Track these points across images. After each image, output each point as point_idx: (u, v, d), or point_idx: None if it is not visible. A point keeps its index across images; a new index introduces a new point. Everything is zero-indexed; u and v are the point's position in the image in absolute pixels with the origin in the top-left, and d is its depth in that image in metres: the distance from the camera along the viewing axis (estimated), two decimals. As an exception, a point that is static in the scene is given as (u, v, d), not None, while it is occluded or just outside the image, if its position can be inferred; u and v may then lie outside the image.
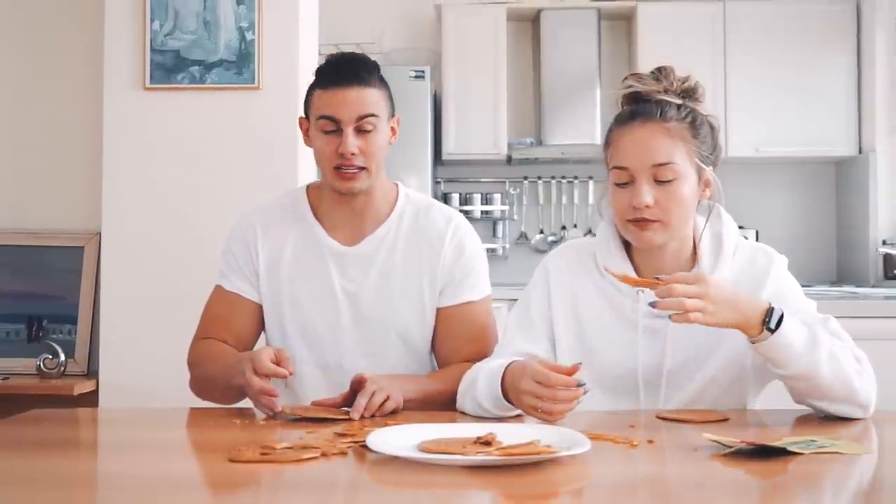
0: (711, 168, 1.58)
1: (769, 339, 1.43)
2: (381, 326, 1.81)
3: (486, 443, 1.20)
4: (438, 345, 1.84)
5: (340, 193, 1.78)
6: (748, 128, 4.56)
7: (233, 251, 1.85)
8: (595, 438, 1.26)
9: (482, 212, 4.85)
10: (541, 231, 4.97)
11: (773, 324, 1.42)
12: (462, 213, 1.91)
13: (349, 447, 1.26)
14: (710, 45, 4.60)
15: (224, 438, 1.37)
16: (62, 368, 2.87)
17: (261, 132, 2.85)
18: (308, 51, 2.98)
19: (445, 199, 4.77)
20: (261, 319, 1.85)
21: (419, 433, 1.28)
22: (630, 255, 1.64)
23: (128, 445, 1.40)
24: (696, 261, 1.61)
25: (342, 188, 1.76)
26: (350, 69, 1.73)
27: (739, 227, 1.74)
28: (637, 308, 1.60)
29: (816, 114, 4.55)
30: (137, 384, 2.78)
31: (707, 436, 1.27)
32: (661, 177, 1.52)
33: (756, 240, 3.49)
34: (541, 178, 4.95)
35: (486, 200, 4.86)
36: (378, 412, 1.53)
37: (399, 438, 1.25)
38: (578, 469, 1.16)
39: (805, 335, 1.44)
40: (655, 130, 1.53)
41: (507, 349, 1.65)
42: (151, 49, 2.85)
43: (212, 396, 1.78)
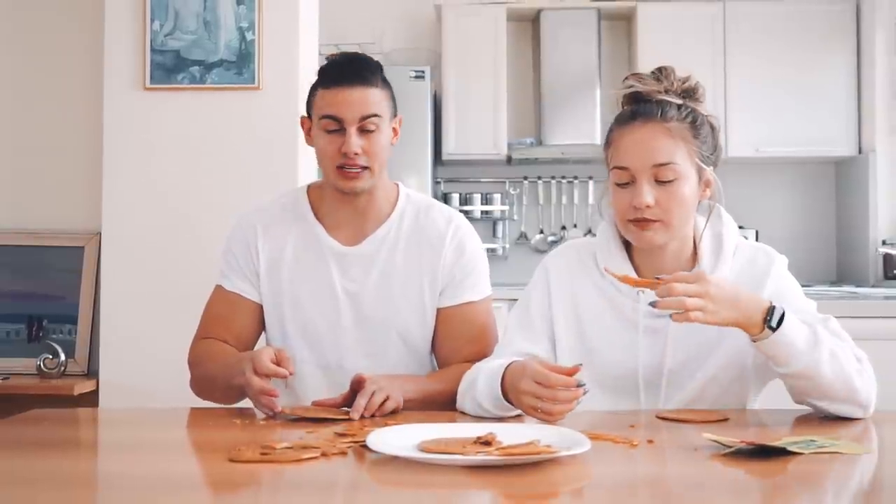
0: (712, 168, 1.58)
1: (770, 338, 1.43)
2: (382, 326, 1.81)
3: (486, 443, 1.20)
4: (439, 345, 1.84)
5: (343, 193, 1.77)
6: (748, 128, 4.56)
7: (233, 251, 1.85)
8: (595, 438, 1.26)
9: (482, 212, 4.85)
10: (541, 231, 4.96)
11: (775, 322, 1.42)
12: (462, 214, 1.91)
13: (349, 447, 1.26)
14: (710, 45, 4.60)
15: (224, 438, 1.37)
16: (62, 368, 2.87)
17: (261, 132, 2.85)
18: (308, 51, 2.98)
19: (445, 199, 4.77)
20: (261, 319, 1.85)
21: (419, 433, 1.28)
22: (630, 256, 1.64)
23: (128, 445, 1.40)
24: (697, 261, 1.61)
25: (345, 187, 1.76)
26: (354, 69, 1.73)
27: (739, 227, 1.74)
28: (637, 308, 1.60)
29: (816, 114, 4.55)
30: (137, 384, 2.78)
31: (707, 436, 1.27)
32: (662, 177, 1.52)
33: (756, 240, 3.49)
34: (541, 178, 4.95)
35: (486, 200, 4.86)
36: (378, 412, 1.53)
37: (399, 438, 1.25)
38: (578, 469, 1.16)
39: (806, 334, 1.44)
40: (656, 130, 1.53)
41: (508, 349, 1.65)
42: (151, 49, 2.85)
43: (212, 396, 1.78)
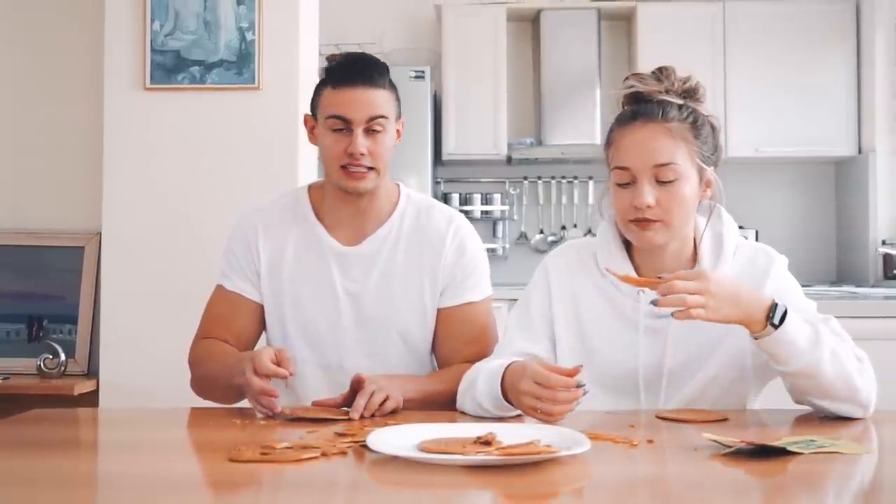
0: (712, 168, 1.58)
1: (772, 335, 1.43)
2: (383, 327, 1.81)
3: (486, 443, 1.20)
4: (439, 345, 1.84)
5: (346, 192, 1.77)
6: (748, 128, 4.56)
7: (234, 251, 1.85)
8: (595, 438, 1.26)
9: (482, 212, 4.85)
10: (541, 231, 4.97)
11: (777, 319, 1.42)
12: (462, 214, 1.91)
13: (349, 447, 1.26)
14: (710, 45, 4.60)
15: (224, 438, 1.37)
16: (62, 368, 2.87)
17: (261, 132, 2.85)
18: (308, 51, 2.98)
19: (445, 200, 4.77)
20: (262, 319, 1.85)
21: (419, 433, 1.28)
22: (631, 255, 1.64)
23: (128, 445, 1.40)
24: (697, 261, 1.61)
25: (349, 187, 1.75)
26: (363, 70, 1.73)
27: (739, 227, 1.74)
28: (638, 308, 1.60)
29: (816, 114, 4.56)
30: (137, 384, 2.78)
31: (707, 436, 1.27)
32: (663, 177, 1.52)
33: (756, 240, 3.49)
34: (541, 178, 4.95)
35: (486, 200, 4.86)
36: (378, 412, 1.53)
37: (399, 438, 1.25)
38: (578, 469, 1.16)
39: (808, 332, 1.44)
40: (657, 131, 1.53)
41: (508, 349, 1.65)
42: (152, 49, 2.85)
43: (212, 396, 1.78)
